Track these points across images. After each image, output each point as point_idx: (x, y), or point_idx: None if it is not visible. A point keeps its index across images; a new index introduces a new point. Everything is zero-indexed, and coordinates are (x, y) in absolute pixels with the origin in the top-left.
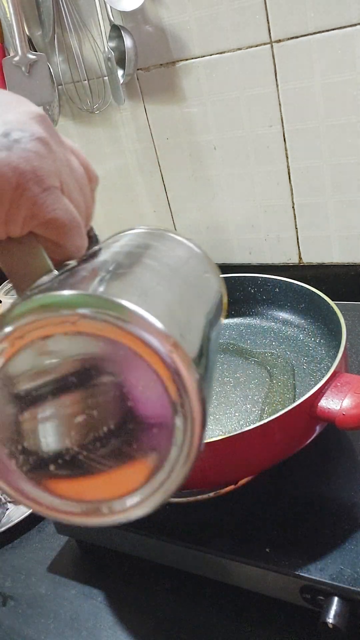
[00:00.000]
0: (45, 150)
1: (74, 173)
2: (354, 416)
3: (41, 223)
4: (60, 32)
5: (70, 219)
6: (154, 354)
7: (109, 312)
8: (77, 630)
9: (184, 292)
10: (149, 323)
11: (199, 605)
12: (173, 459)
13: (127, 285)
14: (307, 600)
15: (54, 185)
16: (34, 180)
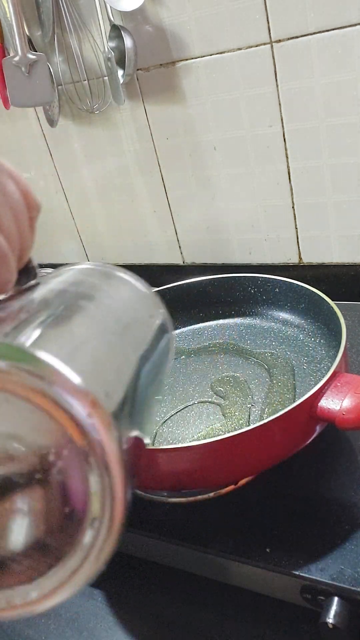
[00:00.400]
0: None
1: (8, 199)
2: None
3: None
4: (60, 32)
5: (1, 250)
6: (70, 416)
7: (19, 362)
8: (78, 631)
9: (116, 338)
10: (66, 379)
11: (199, 605)
12: (88, 543)
13: (48, 331)
14: (307, 600)
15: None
16: None
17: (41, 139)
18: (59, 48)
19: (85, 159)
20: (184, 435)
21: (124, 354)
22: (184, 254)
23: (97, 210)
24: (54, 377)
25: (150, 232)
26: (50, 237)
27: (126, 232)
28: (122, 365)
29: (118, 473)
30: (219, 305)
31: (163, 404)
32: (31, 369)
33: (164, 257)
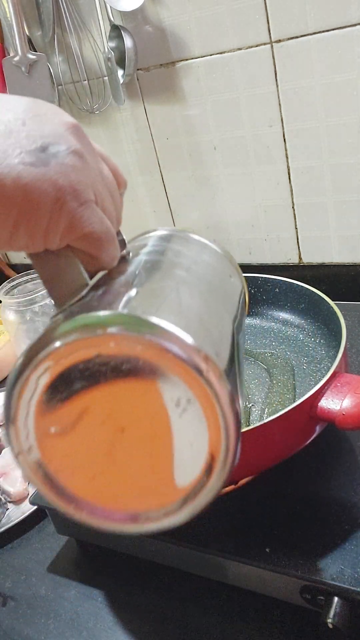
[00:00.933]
0: (80, 163)
1: (106, 181)
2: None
3: (78, 237)
4: (60, 32)
5: (105, 232)
6: (188, 369)
7: (145, 330)
8: (77, 631)
9: (213, 301)
10: (182, 340)
11: (199, 605)
12: (208, 471)
13: (160, 302)
14: (307, 600)
15: (90, 199)
16: (72, 195)
17: None
18: (59, 48)
19: None
20: None
21: (221, 317)
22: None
23: None
24: (174, 340)
25: None
26: None
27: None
28: (221, 327)
29: (230, 416)
30: None
31: None
32: (155, 335)
33: None
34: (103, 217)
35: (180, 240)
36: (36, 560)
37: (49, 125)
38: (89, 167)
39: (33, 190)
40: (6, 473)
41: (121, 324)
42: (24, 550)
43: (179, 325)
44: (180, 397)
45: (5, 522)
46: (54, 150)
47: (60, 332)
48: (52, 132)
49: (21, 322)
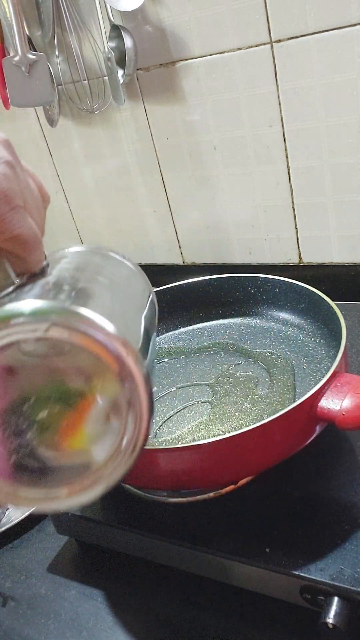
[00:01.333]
0: (11, 173)
1: (32, 193)
2: (354, 416)
3: (8, 238)
4: (60, 32)
5: (32, 235)
6: (107, 351)
7: (71, 318)
8: (78, 631)
9: (131, 306)
10: (102, 327)
11: (199, 605)
12: (123, 449)
13: (85, 297)
14: (307, 600)
15: (19, 205)
16: (3, 200)
17: (41, 139)
18: (59, 48)
19: (85, 159)
20: (184, 435)
21: (136, 315)
22: (184, 254)
23: (97, 210)
24: (99, 328)
25: (150, 232)
26: (50, 237)
27: (126, 232)
28: (136, 322)
29: (144, 395)
30: (219, 305)
31: (163, 404)
32: (83, 323)
33: (164, 257)
34: (30, 222)
35: (99, 256)
36: (36, 560)
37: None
38: (18, 177)
39: None
40: None
41: (48, 312)
42: (24, 550)
43: (103, 316)
44: (99, 378)
45: (5, 522)
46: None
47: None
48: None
49: None
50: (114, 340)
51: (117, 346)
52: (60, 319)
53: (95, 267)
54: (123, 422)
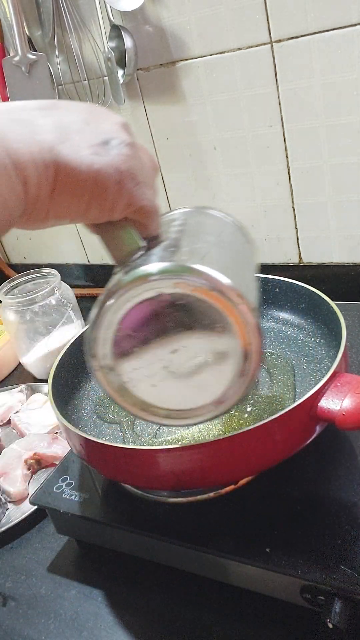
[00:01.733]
0: (133, 153)
1: (147, 168)
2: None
3: (134, 210)
4: (60, 32)
5: (153, 206)
6: (227, 301)
7: (193, 275)
8: (78, 631)
9: (238, 259)
10: (221, 281)
11: (199, 606)
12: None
13: (201, 255)
14: (307, 600)
15: (142, 181)
16: (130, 178)
17: None
18: (59, 48)
19: None
20: (184, 435)
21: (246, 269)
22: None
23: None
24: (216, 281)
25: None
26: (50, 238)
27: None
28: (246, 276)
29: (257, 339)
30: None
31: None
32: (202, 277)
33: None
34: (151, 194)
35: (203, 214)
36: (36, 560)
37: (106, 123)
38: (138, 156)
39: (102, 174)
40: (6, 473)
41: (174, 272)
42: (24, 550)
43: (218, 271)
44: (220, 322)
45: (5, 522)
46: (114, 143)
47: (125, 281)
48: (110, 129)
49: (21, 322)
50: (229, 291)
51: (232, 295)
52: (184, 275)
53: (203, 227)
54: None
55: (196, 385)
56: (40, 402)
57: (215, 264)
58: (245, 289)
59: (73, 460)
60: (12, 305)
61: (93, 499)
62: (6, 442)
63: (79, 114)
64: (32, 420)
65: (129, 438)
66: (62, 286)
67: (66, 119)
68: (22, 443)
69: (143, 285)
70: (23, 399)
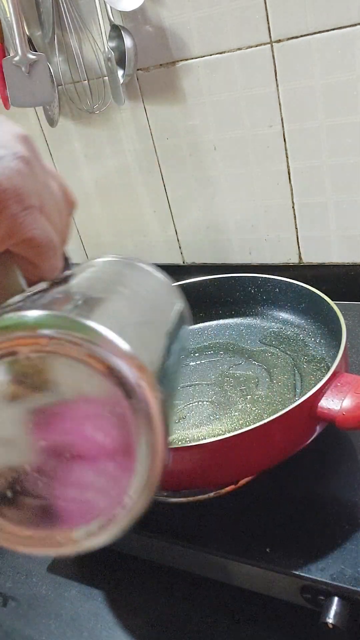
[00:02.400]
0: (27, 170)
1: (53, 196)
2: (354, 416)
3: (19, 241)
4: (60, 32)
5: (47, 239)
6: (121, 377)
7: (77, 333)
8: (78, 631)
9: (155, 320)
10: (115, 345)
11: (199, 606)
12: (135, 486)
13: (97, 309)
14: (307, 600)
15: (34, 205)
16: (15, 199)
17: (41, 139)
18: (59, 48)
19: (85, 159)
20: (184, 435)
21: (157, 331)
22: (184, 254)
23: (97, 210)
24: (109, 345)
25: (150, 232)
26: None
27: (126, 232)
28: (157, 341)
29: (160, 428)
30: (219, 305)
31: None
32: (90, 338)
33: (164, 257)
34: (47, 225)
35: (126, 265)
36: (36, 560)
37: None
38: (35, 175)
39: None
40: None
41: (52, 326)
42: None
43: (115, 331)
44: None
45: None
46: (0, 154)
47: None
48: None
49: None
50: (128, 360)
51: (131, 367)
52: (60, 330)
53: (118, 277)
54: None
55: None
56: None
57: (117, 322)
58: (155, 360)
59: None
60: None
61: None
62: None
63: None
64: None
65: None
66: None
67: None
68: None
69: (5, 342)
70: None
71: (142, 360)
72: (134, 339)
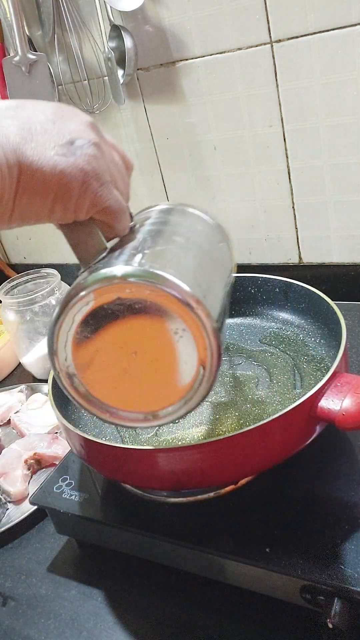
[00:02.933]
0: (99, 153)
1: (117, 166)
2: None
3: (99, 210)
4: (60, 32)
5: (120, 206)
6: (185, 308)
7: (153, 280)
8: (78, 631)
9: (204, 261)
10: (180, 287)
11: (198, 606)
12: (199, 380)
13: (163, 259)
14: (307, 600)
15: (108, 180)
16: (94, 178)
17: None
18: (59, 48)
19: None
20: (184, 435)
21: (211, 273)
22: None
23: None
24: (173, 286)
25: None
26: (51, 238)
27: None
28: (212, 280)
29: (215, 345)
30: None
31: None
32: (159, 282)
33: None
34: (118, 194)
35: (178, 212)
36: (36, 560)
37: (73, 123)
38: (105, 155)
39: (66, 175)
40: (6, 473)
41: (134, 275)
42: (24, 550)
43: (177, 276)
44: (178, 328)
45: (5, 522)
46: (79, 144)
47: (87, 283)
48: (76, 129)
49: (21, 322)
50: (187, 296)
51: (190, 301)
52: (144, 280)
53: (173, 227)
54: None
55: (157, 387)
56: (40, 402)
57: (177, 268)
58: (207, 294)
59: (73, 460)
60: (12, 305)
61: (93, 498)
62: (6, 442)
63: (45, 114)
64: (32, 420)
65: (129, 438)
66: (62, 286)
67: (32, 119)
68: (22, 443)
69: (104, 288)
70: (23, 399)
71: (199, 296)
72: (192, 281)
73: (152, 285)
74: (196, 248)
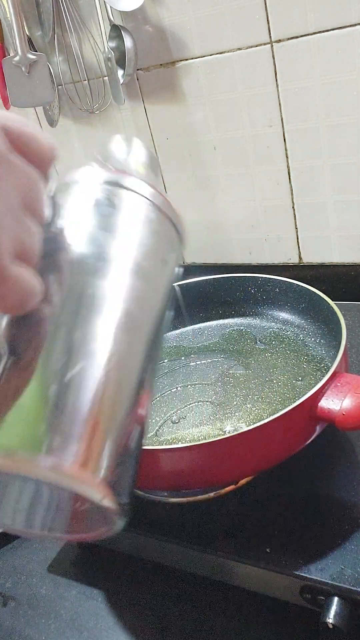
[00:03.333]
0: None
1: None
2: (354, 416)
3: None
4: (60, 32)
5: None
6: None
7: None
8: (78, 631)
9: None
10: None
11: (199, 606)
12: None
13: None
14: (307, 600)
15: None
16: None
17: None
18: (59, 48)
19: (85, 159)
20: (184, 435)
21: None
22: (184, 254)
23: None
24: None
25: None
26: None
27: None
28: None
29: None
30: (219, 305)
31: (163, 403)
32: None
33: None
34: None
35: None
36: (36, 561)
37: None
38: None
39: None
40: None
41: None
42: (24, 550)
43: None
44: None
45: None
46: None
47: None
48: None
49: None
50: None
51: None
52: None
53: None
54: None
55: None
56: None
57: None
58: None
59: None
60: None
61: None
62: None
63: None
64: None
65: None
66: None
67: None
68: None
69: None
70: None
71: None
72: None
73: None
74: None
